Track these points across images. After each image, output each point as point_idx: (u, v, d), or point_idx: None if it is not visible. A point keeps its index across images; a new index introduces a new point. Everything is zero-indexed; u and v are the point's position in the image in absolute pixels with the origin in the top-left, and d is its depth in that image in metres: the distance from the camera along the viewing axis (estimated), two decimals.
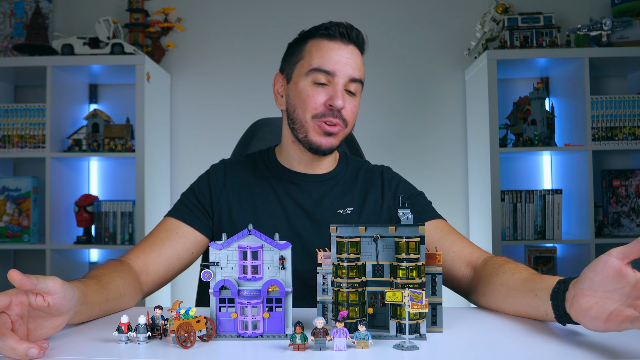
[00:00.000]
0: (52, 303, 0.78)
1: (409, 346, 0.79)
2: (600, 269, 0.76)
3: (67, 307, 0.81)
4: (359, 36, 1.22)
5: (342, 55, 1.19)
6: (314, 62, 1.20)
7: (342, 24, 1.21)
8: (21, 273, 0.73)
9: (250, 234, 0.85)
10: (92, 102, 2.77)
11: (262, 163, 1.32)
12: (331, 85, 1.19)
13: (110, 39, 2.45)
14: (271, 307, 0.85)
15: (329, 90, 1.19)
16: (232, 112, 2.74)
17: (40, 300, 0.77)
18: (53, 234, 2.41)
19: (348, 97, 1.21)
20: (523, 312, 0.96)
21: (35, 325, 0.80)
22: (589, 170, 2.32)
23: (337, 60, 1.19)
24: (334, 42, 1.20)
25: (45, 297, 0.77)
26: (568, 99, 2.54)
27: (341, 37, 1.20)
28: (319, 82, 1.19)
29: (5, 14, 2.64)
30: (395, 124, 2.75)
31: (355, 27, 1.23)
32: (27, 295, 0.77)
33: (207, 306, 0.92)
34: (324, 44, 1.21)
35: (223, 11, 2.79)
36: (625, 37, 2.41)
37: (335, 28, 1.20)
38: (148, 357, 0.77)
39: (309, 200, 1.26)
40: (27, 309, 0.78)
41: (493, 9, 2.53)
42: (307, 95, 1.20)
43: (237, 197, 1.27)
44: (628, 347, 0.80)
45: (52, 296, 0.77)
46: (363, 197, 1.30)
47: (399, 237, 0.85)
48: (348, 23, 1.22)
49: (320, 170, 1.30)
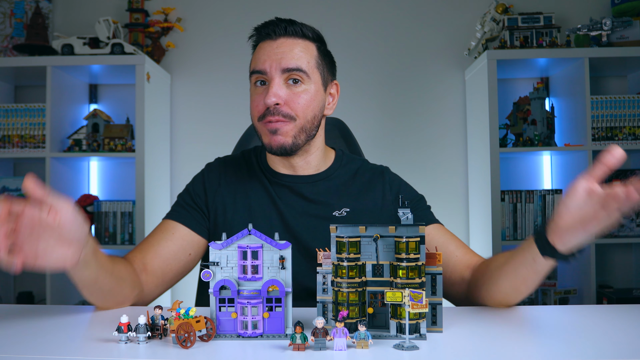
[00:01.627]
0: (62, 222, 0.80)
1: (409, 346, 0.79)
2: (572, 194, 0.87)
3: (77, 235, 0.83)
4: (287, 28, 1.20)
5: (271, 51, 1.19)
6: (250, 67, 1.22)
7: (270, 22, 1.22)
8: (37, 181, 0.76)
9: (250, 234, 0.85)
10: (92, 102, 2.77)
11: (256, 162, 1.32)
12: (268, 83, 1.19)
13: (110, 39, 2.45)
14: (271, 307, 0.85)
15: (267, 89, 1.18)
16: (232, 112, 2.74)
17: (51, 217, 0.78)
18: None
19: (290, 89, 1.18)
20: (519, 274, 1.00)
21: (44, 247, 0.81)
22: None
23: (266, 57, 1.18)
24: (263, 43, 1.21)
25: (55, 216, 0.78)
26: (568, 99, 2.54)
27: (267, 37, 1.21)
28: (259, 84, 1.20)
29: (5, 14, 2.64)
30: (395, 123, 2.75)
31: (287, 19, 1.22)
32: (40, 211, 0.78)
33: (207, 306, 0.92)
34: (257, 47, 1.23)
35: (223, 11, 2.79)
36: (625, 37, 2.40)
37: (261, 29, 1.22)
38: (148, 357, 0.77)
39: (303, 202, 1.24)
40: (37, 226, 0.79)
41: (493, 9, 2.53)
42: (251, 100, 1.22)
43: (232, 196, 1.26)
44: (628, 347, 0.80)
45: (62, 215, 0.79)
46: (360, 198, 1.27)
47: (399, 237, 0.85)
48: (277, 18, 1.22)
49: (307, 171, 1.27)
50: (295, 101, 1.17)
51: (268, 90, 1.16)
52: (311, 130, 1.21)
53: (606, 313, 1.04)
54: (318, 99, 1.22)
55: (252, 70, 1.21)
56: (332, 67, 1.29)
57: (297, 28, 1.21)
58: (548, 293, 2.48)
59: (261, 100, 1.18)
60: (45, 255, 0.82)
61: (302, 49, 1.20)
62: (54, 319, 1.01)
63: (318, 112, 1.22)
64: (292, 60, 1.17)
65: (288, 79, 1.18)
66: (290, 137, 1.18)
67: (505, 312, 1.06)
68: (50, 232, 0.81)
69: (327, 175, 1.28)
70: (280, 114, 1.16)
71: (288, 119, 1.17)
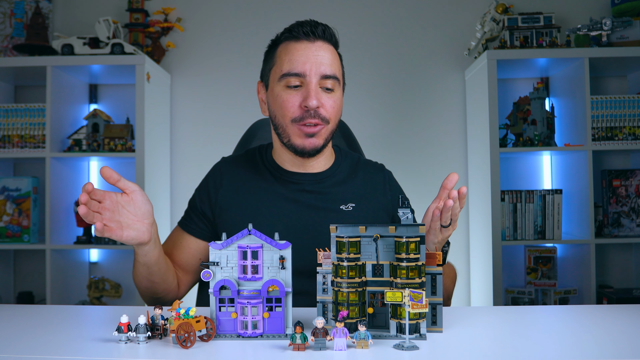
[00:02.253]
0: (134, 198, 1.06)
1: (409, 346, 0.79)
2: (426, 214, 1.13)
3: (145, 209, 1.08)
4: (325, 31, 1.21)
5: (310, 54, 1.19)
6: (284, 67, 1.21)
7: (306, 22, 1.21)
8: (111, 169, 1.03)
9: (250, 234, 0.85)
10: (92, 102, 2.77)
11: (261, 161, 1.33)
12: (304, 86, 1.19)
13: (110, 39, 2.45)
14: (271, 307, 0.85)
15: (303, 92, 1.19)
16: (232, 112, 2.74)
17: (125, 197, 1.06)
18: (53, 234, 2.41)
19: (324, 94, 1.20)
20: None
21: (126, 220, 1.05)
22: (589, 170, 2.32)
23: (305, 60, 1.19)
24: (299, 43, 1.20)
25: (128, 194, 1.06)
26: (568, 99, 2.54)
27: (306, 37, 1.20)
28: (293, 85, 1.20)
29: (5, 14, 2.64)
30: (395, 123, 2.75)
31: (321, 22, 1.22)
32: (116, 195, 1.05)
33: (207, 306, 0.92)
34: (290, 46, 1.21)
35: (223, 11, 2.79)
36: (625, 37, 2.40)
37: (298, 28, 1.21)
38: (148, 357, 0.77)
39: (310, 199, 1.26)
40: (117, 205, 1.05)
41: (493, 9, 2.53)
42: (282, 100, 1.21)
43: (235, 196, 1.28)
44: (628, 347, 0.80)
45: (133, 193, 1.06)
46: (363, 192, 1.30)
47: (399, 237, 0.85)
48: (313, 20, 1.22)
49: (316, 169, 1.30)
50: (330, 106, 1.21)
51: (308, 93, 1.18)
52: (334, 133, 1.27)
53: (606, 313, 1.04)
54: (342, 104, 1.27)
55: (287, 72, 1.20)
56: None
57: (332, 33, 1.23)
58: (548, 293, 2.48)
59: (297, 101, 1.19)
60: (128, 227, 1.05)
61: (334, 55, 1.24)
62: (54, 319, 1.01)
63: (340, 116, 1.28)
64: (329, 67, 1.20)
65: (323, 85, 1.20)
66: (322, 139, 1.23)
67: (505, 312, 1.06)
68: (127, 208, 1.06)
69: (333, 171, 1.31)
70: (319, 117, 1.19)
71: (325, 122, 1.21)
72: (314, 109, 1.18)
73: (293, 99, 1.19)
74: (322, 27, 1.21)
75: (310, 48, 1.20)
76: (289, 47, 1.21)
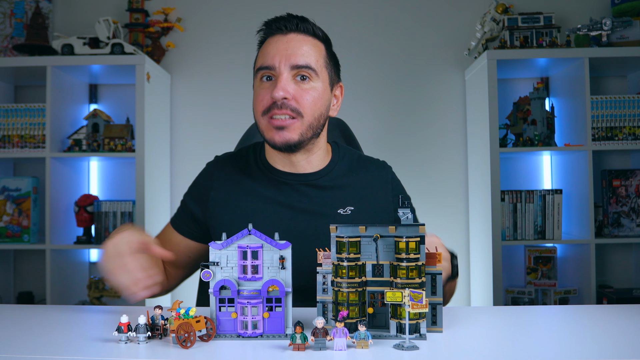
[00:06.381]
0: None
1: (409, 346, 0.79)
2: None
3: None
4: (299, 24, 1.20)
5: (280, 46, 1.18)
6: (257, 62, 1.21)
7: (281, 17, 1.21)
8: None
9: (250, 234, 0.85)
10: (92, 102, 2.77)
11: (254, 160, 1.30)
12: (275, 78, 1.18)
13: (110, 39, 2.45)
14: (271, 307, 0.85)
15: (272, 84, 1.18)
16: (232, 112, 2.74)
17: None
18: (53, 234, 2.41)
19: (297, 86, 1.17)
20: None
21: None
22: (589, 170, 2.32)
23: (275, 52, 1.18)
24: (273, 37, 1.21)
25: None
26: (568, 99, 2.54)
27: (278, 31, 1.20)
28: (266, 77, 1.19)
29: (5, 14, 2.64)
30: (395, 123, 2.75)
31: (298, 16, 1.21)
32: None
33: (207, 306, 0.92)
34: (265, 42, 1.22)
35: (223, 11, 2.79)
36: (625, 37, 2.40)
37: (272, 24, 1.21)
38: (148, 357, 0.77)
39: (304, 203, 1.23)
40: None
41: (493, 9, 2.53)
42: (256, 95, 1.21)
43: (227, 197, 1.26)
44: (628, 347, 0.80)
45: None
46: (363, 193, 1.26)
47: (399, 237, 0.85)
48: (289, 14, 1.21)
49: (309, 169, 1.25)
50: (303, 97, 1.17)
51: (276, 85, 1.15)
52: (317, 129, 1.21)
53: (606, 313, 1.04)
54: (325, 97, 1.21)
55: (259, 67, 1.20)
56: (338, 69, 1.30)
57: (308, 25, 1.21)
58: (548, 293, 2.48)
59: (267, 94, 1.17)
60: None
61: (312, 46, 1.20)
62: (54, 319, 1.01)
63: (324, 111, 1.22)
64: (301, 57, 1.17)
65: (296, 76, 1.17)
66: (297, 133, 1.17)
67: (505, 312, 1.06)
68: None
69: (328, 171, 1.27)
70: (288, 109, 1.16)
71: (295, 114, 1.16)
72: (282, 100, 1.15)
73: (264, 92, 1.19)
74: (297, 20, 1.20)
75: (282, 40, 1.19)
76: (265, 43, 1.22)
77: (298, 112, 1.16)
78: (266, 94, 1.18)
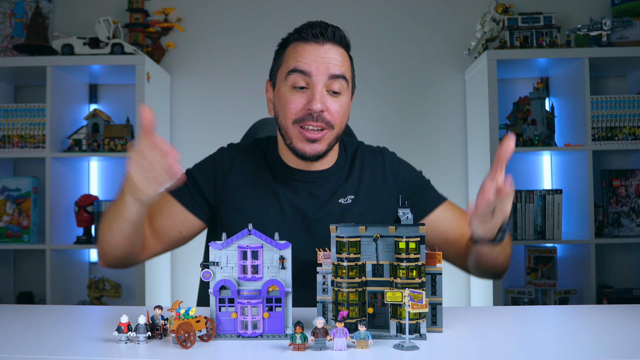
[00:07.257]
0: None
1: (409, 346, 0.79)
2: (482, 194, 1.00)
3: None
4: (335, 33, 1.20)
5: (317, 55, 1.17)
6: (290, 65, 1.19)
7: (315, 23, 1.20)
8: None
9: (250, 234, 0.85)
10: (92, 102, 2.77)
11: (269, 154, 1.31)
12: (310, 88, 1.17)
13: (110, 39, 2.45)
14: (271, 307, 0.85)
15: (308, 94, 1.17)
16: (232, 112, 2.74)
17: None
18: (53, 234, 2.41)
19: (331, 98, 1.18)
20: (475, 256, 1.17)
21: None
22: (589, 170, 2.32)
23: (312, 60, 1.17)
24: (308, 44, 1.19)
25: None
26: (568, 99, 2.54)
27: (314, 38, 1.18)
28: (299, 86, 1.18)
29: (5, 14, 2.64)
30: (395, 124, 2.75)
31: (331, 24, 1.21)
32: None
33: (207, 306, 0.92)
34: (299, 47, 1.20)
35: (223, 11, 2.79)
36: (625, 37, 2.40)
37: (307, 30, 1.19)
38: (148, 357, 0.77)
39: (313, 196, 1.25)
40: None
41: (493, 9, 2.53)
42: (287, 101, 1.19)
43: (243, 184, 1.26)
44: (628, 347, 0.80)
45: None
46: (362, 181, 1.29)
47: (399, 237, 0.85)
48: (323, 22, 1.20)
49: (322, 167, 1.28)
50: (335, 110, 1.18)
51: (313, 96, 1.15)
52: (340, 136, 1.24)
53: (606, 313, 1.04)
54: (349, 108, 1.25)
55: (292, 68, 1.18)
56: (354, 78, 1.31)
57: (342, 35, 1.21)
58: (548, 293, 2.48)
59: (301, 103, 1.17)
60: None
61: (345, 58, 1.22)
62: (54, 319, 1.01)
63: (347, 121, 1.26)
64: (337, 68, 1.18)
65: (329, 86, 1.18)
66: (325, 145, 1.19)
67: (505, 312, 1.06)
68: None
69: (337, 167, 1.29)
70: (323, 121, 1.17)
71: (328, 127, 1.18)
72: (318, 113, 1.16)
73: (297, 100, 1.17)
74: (332, 29, 1.19)
75: (318, 49, 1.18)
76: (298, 48, 1.20)
77: (330, 125, 1.18)
78: (300, 103, 1.17)
